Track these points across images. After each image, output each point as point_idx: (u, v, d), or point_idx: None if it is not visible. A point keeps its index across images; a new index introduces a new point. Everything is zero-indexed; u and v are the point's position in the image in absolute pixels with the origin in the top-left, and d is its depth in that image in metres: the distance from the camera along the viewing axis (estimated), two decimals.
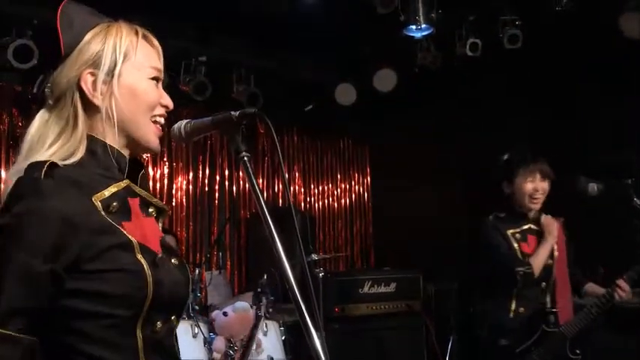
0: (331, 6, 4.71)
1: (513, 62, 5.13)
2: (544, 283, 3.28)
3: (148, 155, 5.94)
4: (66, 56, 1.35)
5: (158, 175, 6.06)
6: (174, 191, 6.17)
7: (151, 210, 1.41)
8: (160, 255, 1.34)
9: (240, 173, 6.52)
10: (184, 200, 6.22)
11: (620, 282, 3.13)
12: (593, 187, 3.29)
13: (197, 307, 4.06)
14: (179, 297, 1.39)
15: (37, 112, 1.36)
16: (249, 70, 5.69)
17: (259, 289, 3.98)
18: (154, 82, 1.42)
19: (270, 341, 4.11)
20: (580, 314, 3.19)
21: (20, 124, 5.28)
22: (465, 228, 5.85)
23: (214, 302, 4.99)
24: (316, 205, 7.16)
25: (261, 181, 6.68)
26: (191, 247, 6.15)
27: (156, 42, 1.44)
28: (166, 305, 1.33)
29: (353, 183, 7.46)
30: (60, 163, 1.28)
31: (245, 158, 1.41)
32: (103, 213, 1.27)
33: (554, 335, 3.18)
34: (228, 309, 3.91)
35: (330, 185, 7.32)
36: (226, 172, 6.49)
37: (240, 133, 1.43)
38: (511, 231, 3.29)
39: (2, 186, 5.10)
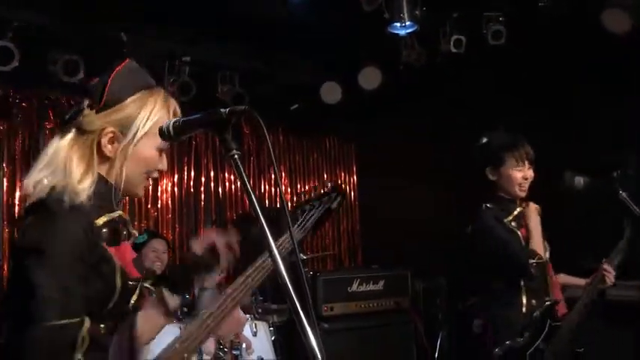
0: (316, 5, 4.69)
1: (499, 59, 5.15)
2: (543, 270, 3.13)
3: None
4: (103, 107, 1.59)
5: None
6: (159, 193, 6.12)
7: (125, 233, 1.64)
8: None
9: (226, 174, 6.49)
10: (170, 202, 6.17)
11: (606, 265, 3.11)
12: (579, 180, 3.30)
13: (186, 309, 4.02)
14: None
15: (63, 132, 1.62)
16: (234, 70, 5.67)
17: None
18: (161, 152, 1.66)
19: (260, 342, 4.09)
20: (578, 305, 3.10)
21: (1, 127, 5.20)
22: (452, 224, 5.87)
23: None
24: None
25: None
26: (177, 249, 6.10)
27: (179, 113, 1.67)
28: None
29: (339, 182, 7.45)
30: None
31: (236, 156, 1.39)
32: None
33: (560, 330, 3.04)
34: None
35: (317, 184, 7.30)
36: (212, 174, 6.45)
37: (230, 131, 1.42)
38: (506, 219, 3.13)
39: None
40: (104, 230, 1.54)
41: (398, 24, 4.76)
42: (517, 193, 3.16)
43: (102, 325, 1.53)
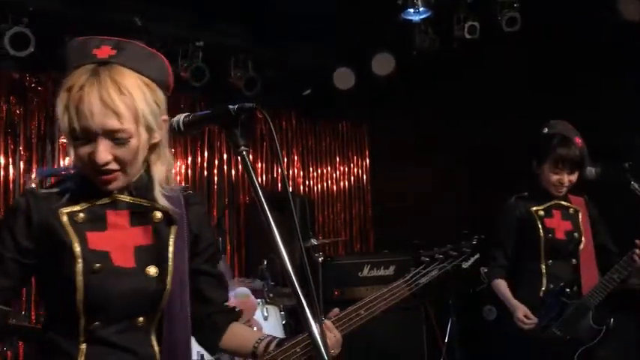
0: None
1: (514, 45, 5.11)
2: (574, 260, 3.26)
3: None
4: None
5: None
6: (172, 176, 6.15)
7: (156, 214, 1.64)
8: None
9: (239, 158, 6.48)
10: (183, 185, 6.20)
11: (639, 242, 3.10)
12: (590, 170, 3.30)
13: None
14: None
15: None
16: (247, 54, 5.66)
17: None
18: (82, 141, 1.45)
19: (271, 326, 4.15)
20: (601, 282, 3.15)
21: (18, 111, 5.26)
22: (464, 209, 5.88)
23: None
24: (315, 188, 7.17)
25: (259, 165, 6.68)
26: None
27: (95, 94, 1.42)
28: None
29: (352, 165, 7.46)
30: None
31: (244, 152, 1.41)
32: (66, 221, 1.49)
33: (574, 306, 3.13)
34: (229, 294, 3.93)
35: (329, 168, 7.32)
36: (225, 156, 6.47)
37: (239, 127, 1.43)
38: (534, 208, 3.27)
39: (2, 172, 5.13)
40: (81, 215, 1.51)
41: (411, 10, 4.74)
42: (552, 193, 3.28)
43: (97, 323, 1.48)
